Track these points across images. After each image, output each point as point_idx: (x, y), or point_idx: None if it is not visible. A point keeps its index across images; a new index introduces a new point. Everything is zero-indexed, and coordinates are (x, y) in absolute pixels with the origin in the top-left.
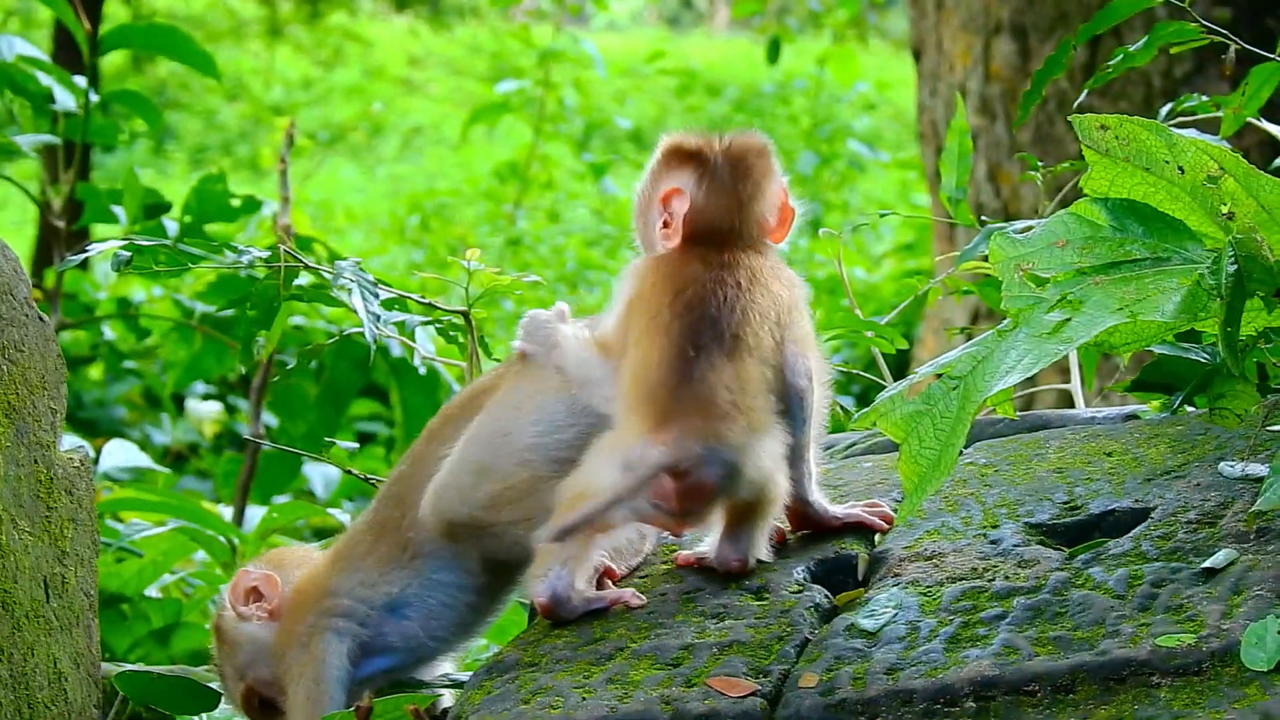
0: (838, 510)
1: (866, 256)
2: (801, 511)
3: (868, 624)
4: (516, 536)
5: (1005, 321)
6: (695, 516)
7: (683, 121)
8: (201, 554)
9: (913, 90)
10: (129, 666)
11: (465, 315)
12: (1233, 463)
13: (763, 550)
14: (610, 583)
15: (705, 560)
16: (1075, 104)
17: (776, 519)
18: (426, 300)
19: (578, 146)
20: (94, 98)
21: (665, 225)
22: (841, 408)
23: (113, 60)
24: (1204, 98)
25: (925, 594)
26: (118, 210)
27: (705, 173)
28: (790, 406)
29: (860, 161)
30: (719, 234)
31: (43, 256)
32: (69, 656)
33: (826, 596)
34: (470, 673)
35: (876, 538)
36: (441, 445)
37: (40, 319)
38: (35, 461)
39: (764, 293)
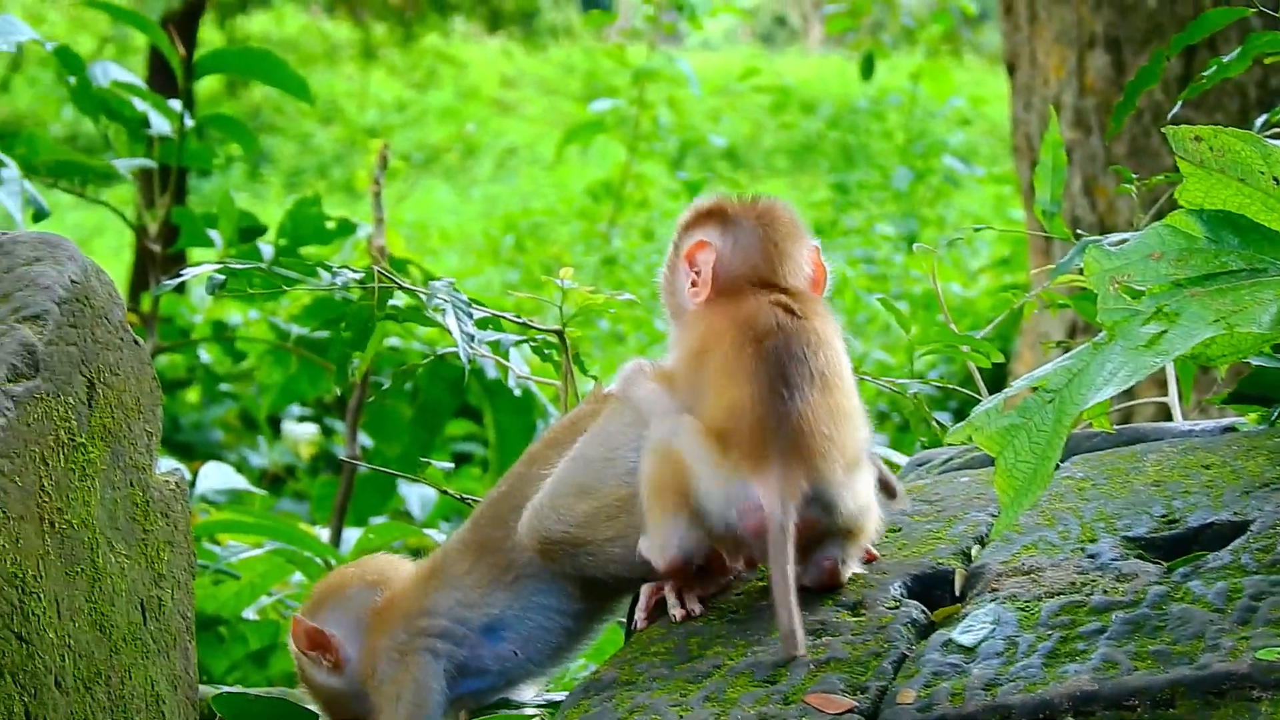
0: None
1: (962, 272)
2: None
3: (965, 639)
4: (612, 555)
5: (1101, 335)
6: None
7: (777, 140)
8: (299, 576)
9: (1007, 105)
10: (226, 688)
11: (560, 334)
12: None
13: (853, 569)
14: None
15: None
16: (1169, 116)
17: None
18: (521, 320)
19: (672, 165)
20: (189, 122)
21: (694, 284)
22: (938, 423)
23: (207, 85)
24: None
25: (1023, 609)
26: (213, 234)
27: (730, 225)
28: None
29: (955, 177)
30: (762, 283)
31: (139, 281)
32: (166, 679)
33: (923, 612)
34: (565, 692)
35: (974, 552)
36: (542, 467)
37: (136, 343)
38: (131, 484)
39: (836, 335)
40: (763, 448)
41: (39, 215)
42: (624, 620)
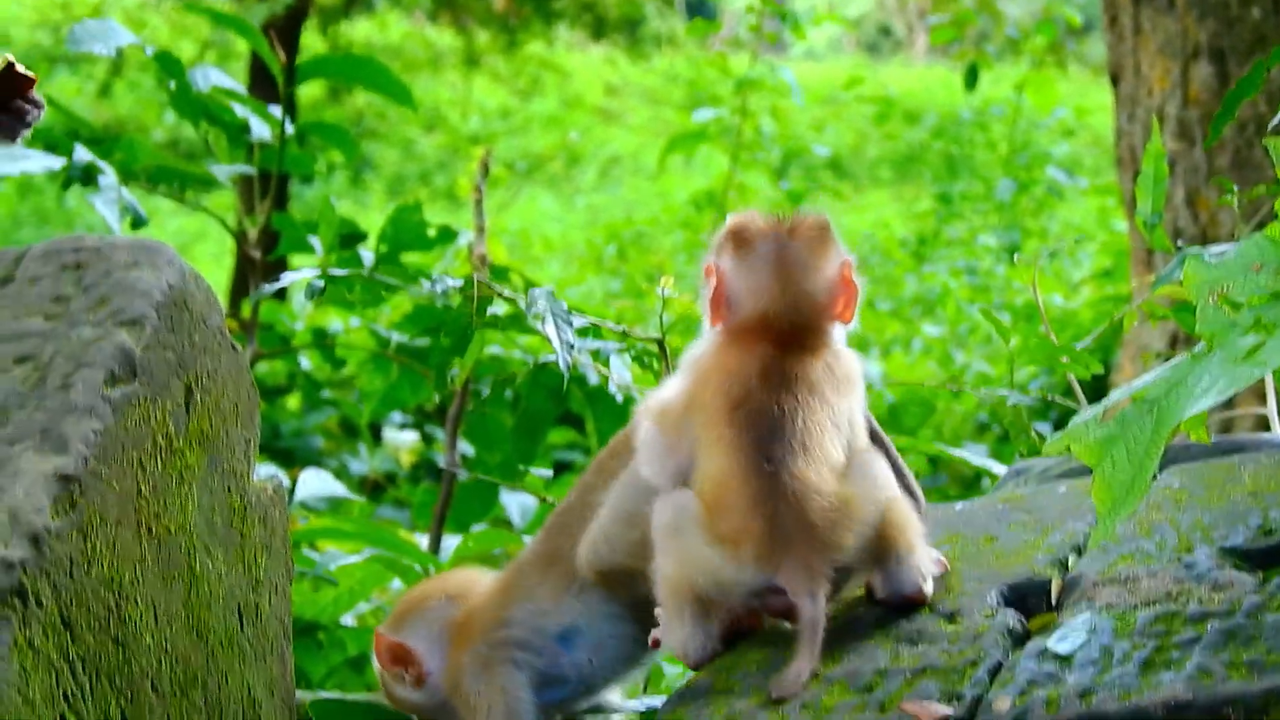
0: None
1: (1064, 283)
2: None
3: (1061, 648)
4: None
5: (1200, 346)
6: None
7: (881, 150)
8: (398, 583)
9: (1111, 116)
10: (324, 694)
11: (660, 343)
12: None
13: (928, 573)
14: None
15: (876, 595)
16: (1270, 126)
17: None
18: (620, 328)
19: (775, 175)
20: (290, 128)
21: (712, 306)
22: (1037, 433)
23: (309, 91)
24: None
25: (1119, 618)
26: (313, 240)
27: (745, 249)
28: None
29: (1058, 188)
30: (770, 321)
31: (239, 287)
32: (263, 684)
33: (1020, 620)
34: (662, 697)
35: (1070, 561)
36: (609, 478)
37: (234, 348)
38: (228, 490)
39: (822, 403)
40: (770, 541)
41: (137, 222)
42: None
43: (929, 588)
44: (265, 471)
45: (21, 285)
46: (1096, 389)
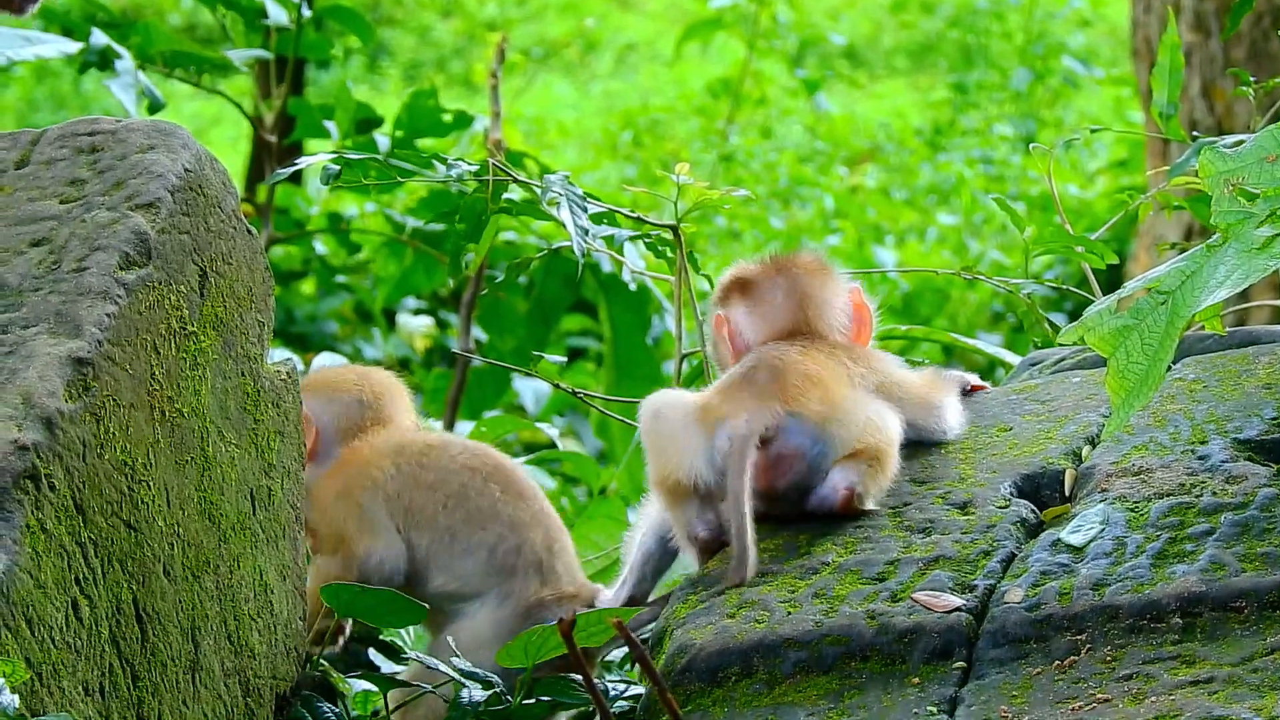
0: None
1: (1080, 173)
2: None
3: (1074, 539)
4: None
5: (1215, 237)
6: (788, 493)
7: (896, 39)
8: None
9: (1127, 6)
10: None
11: (674, 230)
12: None
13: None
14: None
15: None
16: None
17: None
18: (635, 215)
19: (791, 63)
20: (306, 13)
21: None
22: (1051, 323)
23: None
24: None
25: (1132, 510)
26: (329, 125)
27: (751, 293)
28: None
29: (1074, 78)
30: (795, 335)
31: (255, 172)
32: (275, 569)
33: (1033, 511)
34: (675, 588)
35: (1084, 452)
36: None
37: (249, 232)
38: (242, 374)
39: (834, 360)
40: (736, 394)
41: (154, 106)
42: None
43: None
44: (279, 356)
45: (36, 168)
46: (1111, 279)
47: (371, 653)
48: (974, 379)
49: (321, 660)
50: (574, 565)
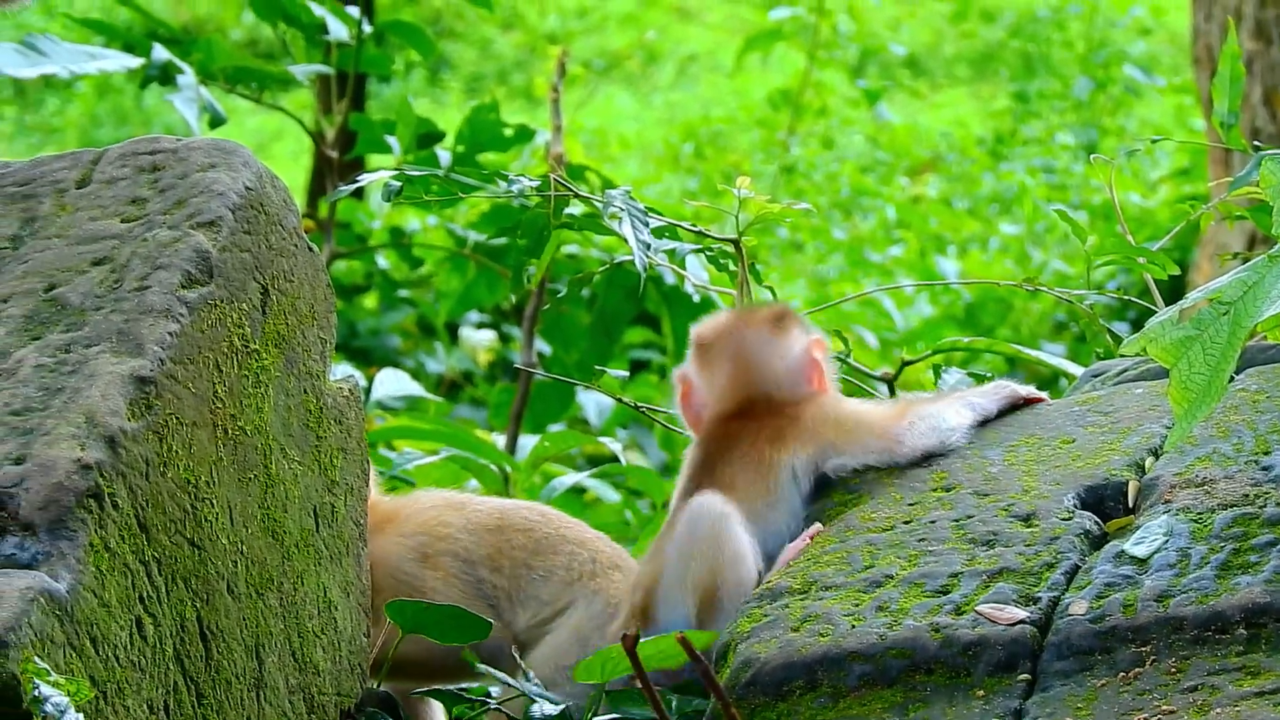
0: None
1: (1142, 182)
2: None
3: (1138, 551)
4: None
5: (1277, 246)
6: None
7: (957, 48)
8: (474, 483)
9: (1188, 14)
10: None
11: (736, 244)
12: None
13: None
14: None
15: None
16: None
17: None
18: (696, 228)
19: (852, 73)
20: (367, 28)
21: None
22: (1113, 334)
23: None
24: None
25: (1196, 521)
26: (391, 140)
27: (708, 359)
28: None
29: (1136, 86)
30: (748, 403)
31: (317, 187)
32: (338, 585)
33: (1096, 523)
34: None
35: (1147, 463)
36: None
37: (310, 249)
38: (305, 391)
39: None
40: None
41: (215, 121)
42: None
43: None
44: (341, 372)
45: (98, 187)
46: (1173, 289)
47: None
48: (1030, 390)
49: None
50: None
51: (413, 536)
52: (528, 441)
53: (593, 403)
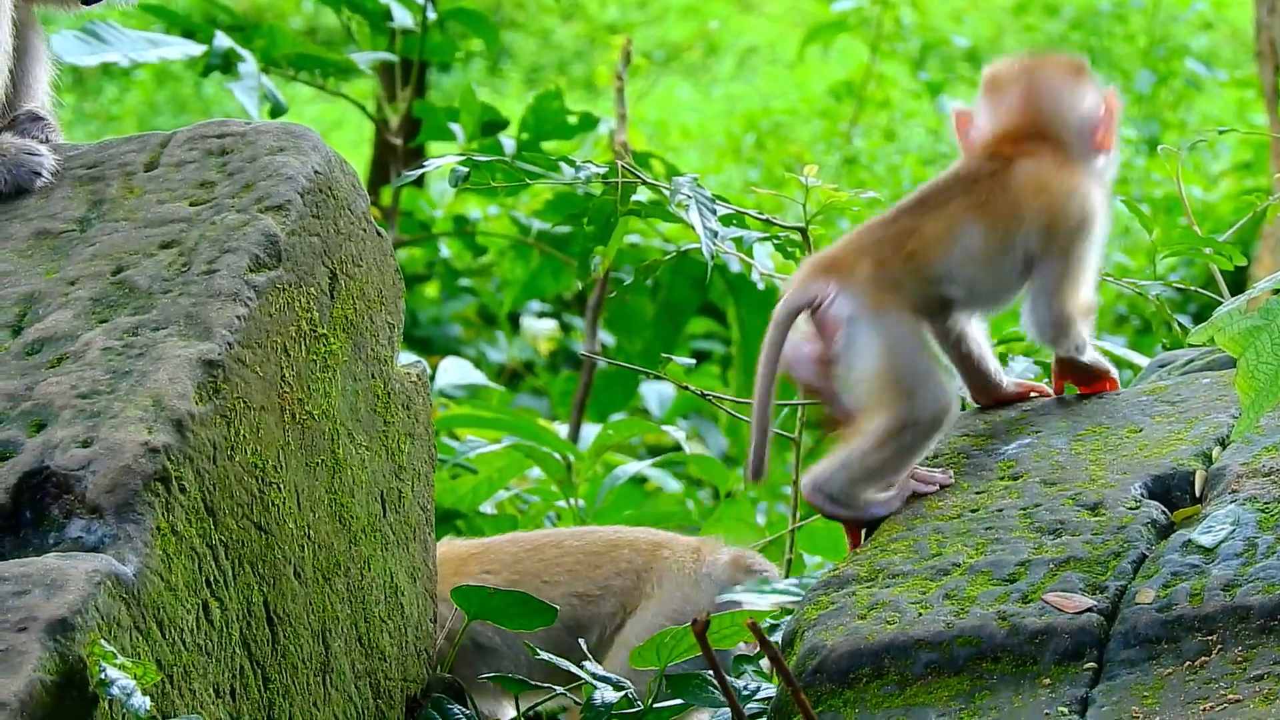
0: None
1: (1203, 176)
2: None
3: (1205, 540)
4: None
5: None
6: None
7: (1019, 41)
8: (536, 471)
9: (1250, 9)
10: (466, 581)
11: (803, 231)
12: None
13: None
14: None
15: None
16: None
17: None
18: (764, 216)
19: (914, 65)
20: (431, 15)
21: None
22: (1179, 325)
23: None
24: None
25: (1263, 510)
26: (455, 128)
27: (997, 93)
28: None
29: (1197, 80)
30: (1031, 140)
31: (379, 174)
32: (405, 570)
33: (1164, 512)
34: (811, 577)
35: (1214, 453)
36: None
37: (379, 234)
38: (373, 376)
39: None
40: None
41: (276, 110)
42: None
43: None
44: (407, 358)
45: (166, 170)
46: (1236, 282)
47: None
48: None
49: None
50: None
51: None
52: (590, 431)
53: (654, 393)
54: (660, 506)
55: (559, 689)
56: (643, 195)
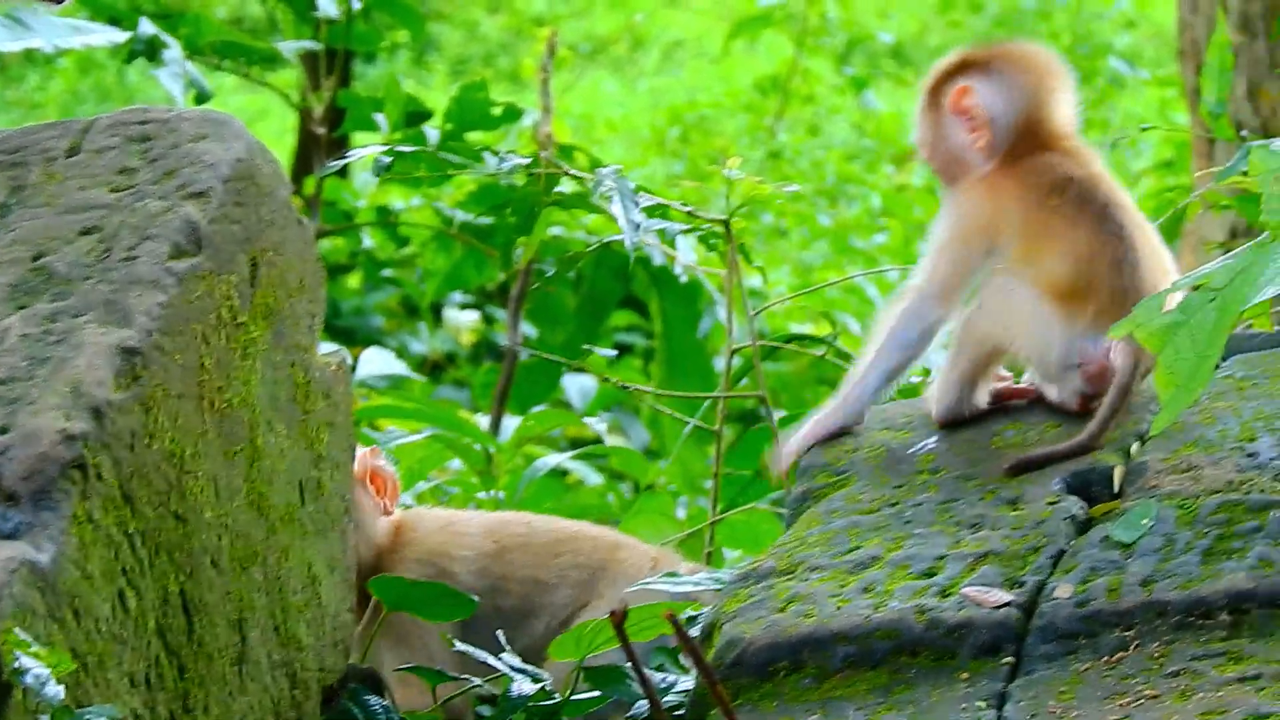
0: None
1: (1125, 174)
2: None
3: (1124, 536)
4: None
5: (1264, 234)
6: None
7: (944, 38)
8: (457, 462)
9: (1173, 7)
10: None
11: (726, 224)
12: None
13: None
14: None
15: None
16: None
17: None
18: (687, 209)
19: (839, 61)
20: (356, 4)
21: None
22: None
23: None
24: None
25: (1181, 506)
26: (379, 118)
27: (1000, 69)
28: None
29: (1120, 79)
30: (1036, 133)
31: (302, 164)
32: (324, 560)
33: (1082, 508)
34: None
35: (1133, 449)
36: None
37: (300, 222)
38: (293, 364)
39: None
40: (1115, 303)
41: (201, 97)
42: (783, 511)
43: None
44: (328, 348)
45: (88, 156)
46: None
47: None
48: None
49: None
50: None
51: (425, 563)
52: (511, 423)
53: (575, 386)
54: (581, 499)
55: (476, 681)
56: (566, 187)
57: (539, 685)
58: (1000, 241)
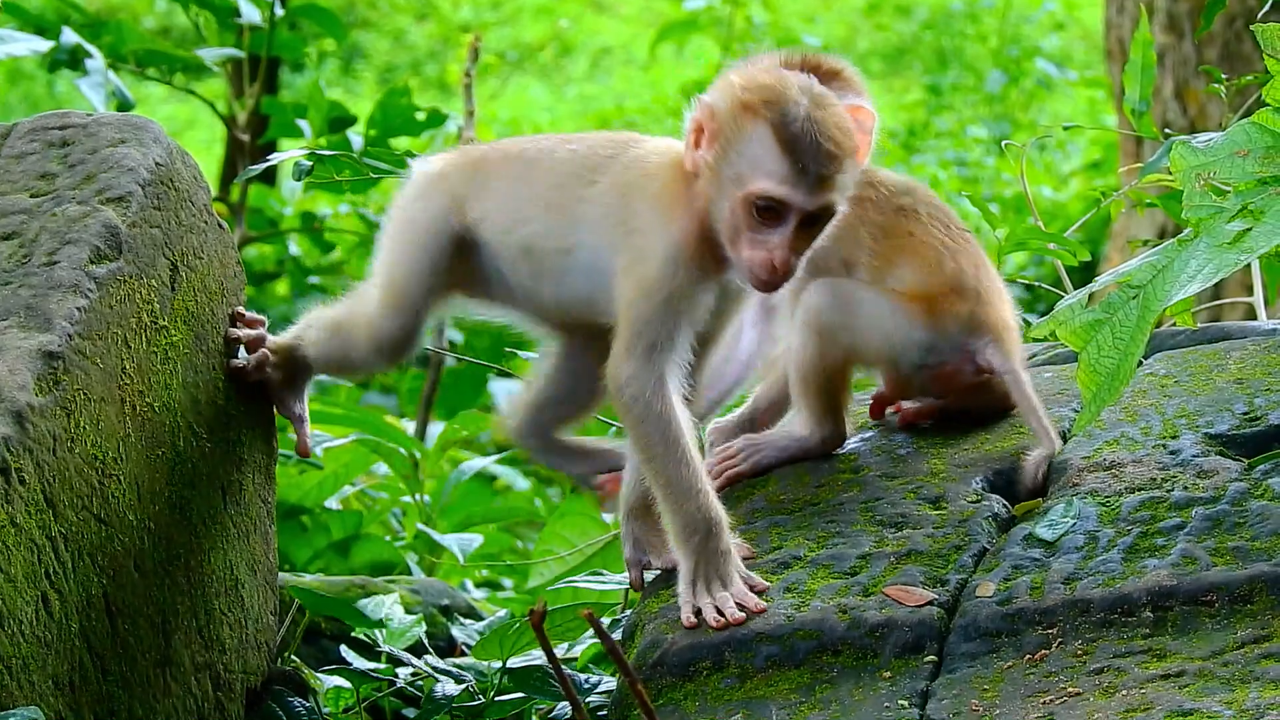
0: None
1: (1054, 175)
2: None
3: (1046, 534)
4: None
5: (1186, 231)
6: None
7: (871, 42)
8: (383, 467)
9: (1100, 9)
10: (308, 578)
11: None
12: None
13: None
14: None
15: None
16: (1259, 15)
17: None
18: None
19: None
20: (279, 11)
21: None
22: (1025, 320)
23: None
24: None
25: (1104, 504)
26: (303, 124)
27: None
28: None
29: (1048, 80)
30: None
31: (229, 172)
32: (246, 563)
33: (1005, 506)
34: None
35: (1058, 446)
36: None
37: (220, 226)
38: (214, 368)
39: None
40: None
41: (124, 106)
42: None
43: None
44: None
45: (7, 162)
46: (1084, 281)
47: (343, 649)
48: None
49: (293, 656)
50: None
51: None
52: (438, 428)
53: (503, 391)
54: (509, 503)
55: (399, 680)
56: None
57: (463, 686)
58: None
